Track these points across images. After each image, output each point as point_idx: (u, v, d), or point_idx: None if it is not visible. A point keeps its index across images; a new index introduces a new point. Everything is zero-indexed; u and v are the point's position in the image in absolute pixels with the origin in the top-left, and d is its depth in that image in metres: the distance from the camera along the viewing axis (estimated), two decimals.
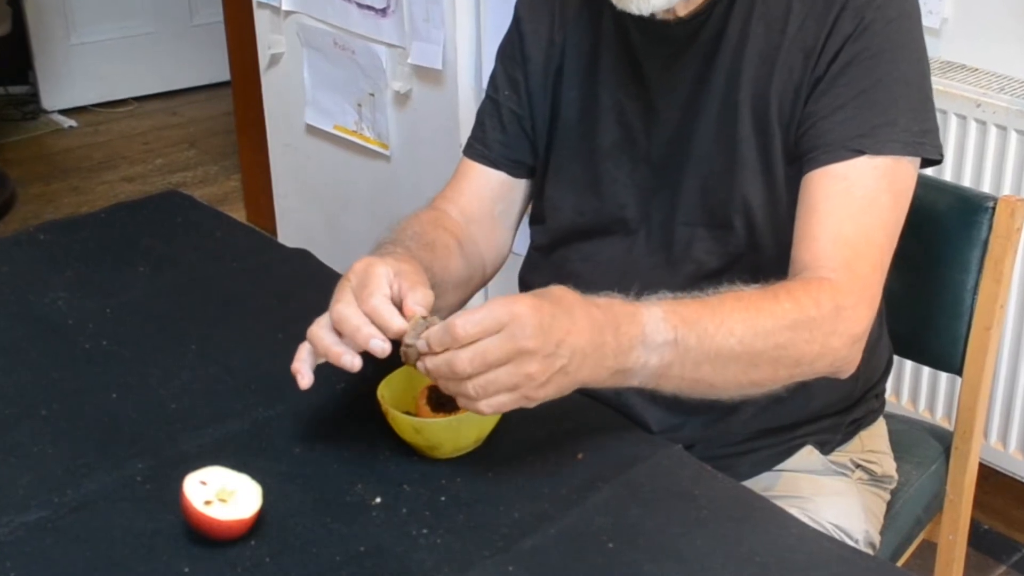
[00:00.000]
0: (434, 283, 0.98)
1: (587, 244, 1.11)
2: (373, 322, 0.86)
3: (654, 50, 1.05)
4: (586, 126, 1.09)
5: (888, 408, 1.22)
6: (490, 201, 1.15)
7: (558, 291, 0.84)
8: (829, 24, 0.97)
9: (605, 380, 0.85)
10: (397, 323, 0.85)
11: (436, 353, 0.81)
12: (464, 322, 0.79)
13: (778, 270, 0.99)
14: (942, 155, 0.99)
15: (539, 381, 0.81)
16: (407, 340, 0.85)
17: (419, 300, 0.87)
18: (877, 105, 0.95)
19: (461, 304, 1.12)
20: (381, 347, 0.85)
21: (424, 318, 0.86)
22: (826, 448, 1.12)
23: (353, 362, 0.86)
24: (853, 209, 0.94)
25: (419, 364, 0.84)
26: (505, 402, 0.81)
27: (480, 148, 1.15)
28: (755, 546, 0.83)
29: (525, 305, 0.80)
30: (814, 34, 0.98)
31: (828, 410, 1.10)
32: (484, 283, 1.18)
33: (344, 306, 0.87)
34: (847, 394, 1.11)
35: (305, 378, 0.89)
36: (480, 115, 1.17)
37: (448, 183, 1.17)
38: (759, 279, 0.92)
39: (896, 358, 1.22)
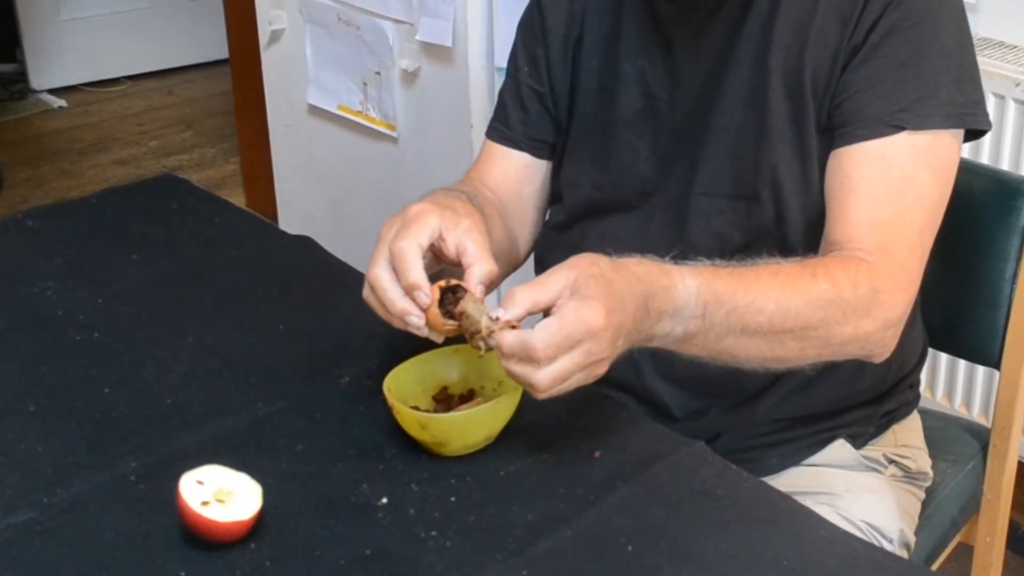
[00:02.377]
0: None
1: (604, 220, 1.09)
2: (393, 264, 0.86)
3: (681, 15, 1.03)
4: (606, 97, 1.08)
5: (922, 404, 1.20)
6: (517, 183, 1.14)
7: (607, 272, 0.83)
8: None
9: (633, 346, 0.87)
10: (414, 276, 0.85)
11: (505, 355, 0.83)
12: (545, 345, 0.79)
13: (805, 246, 0.99)
14: (990, 124, 0.98)
15: (601, 372, 0.83)
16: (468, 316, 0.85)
17: (482, 277, 0.87)
18: (918, 78, 0.94)
19: (502, 279, 1.09)
20: (416, 324, 0.87)
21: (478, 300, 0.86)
22: (858, 441, 1.11)
23: (420, 324, 0.87)
24: (891, 191, 0.94)
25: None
26: (566, 390, 0.83)
27: (502, 129, 1.15)
28: (782, 549, 0.81)
29: (599, 316, 0.80)
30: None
31: (859, 398, 1.09)
32: (518, 265, 1.17)
33: (382, 270, 0.87)
34: (879, 380, 1.09)
35: (417, 317, 0.88)
36: (501, 95, 1.17)
37: (472, 166, 1.16)
38: (785, 256, 0.91)
39: (931, 351, 1.21)
